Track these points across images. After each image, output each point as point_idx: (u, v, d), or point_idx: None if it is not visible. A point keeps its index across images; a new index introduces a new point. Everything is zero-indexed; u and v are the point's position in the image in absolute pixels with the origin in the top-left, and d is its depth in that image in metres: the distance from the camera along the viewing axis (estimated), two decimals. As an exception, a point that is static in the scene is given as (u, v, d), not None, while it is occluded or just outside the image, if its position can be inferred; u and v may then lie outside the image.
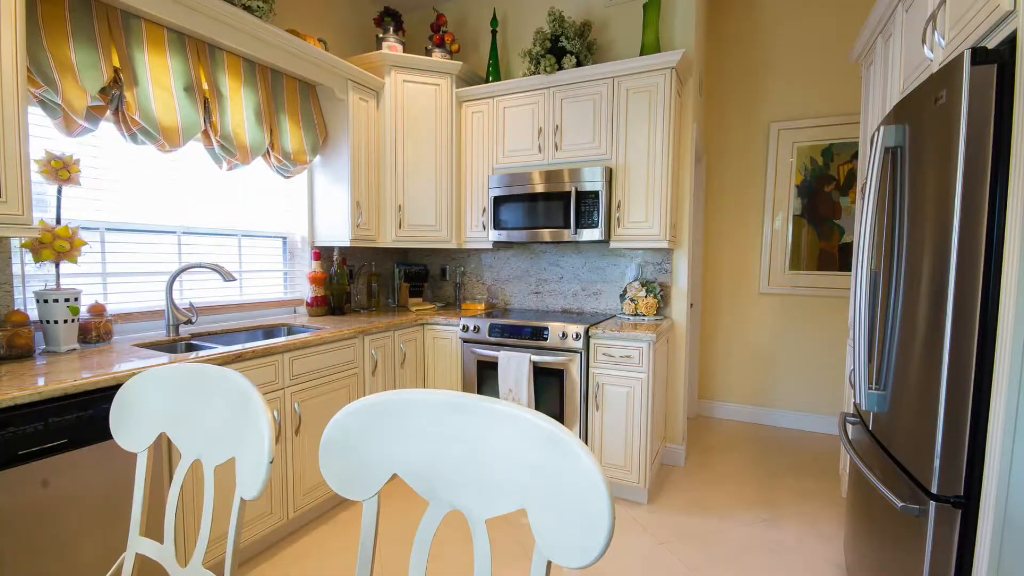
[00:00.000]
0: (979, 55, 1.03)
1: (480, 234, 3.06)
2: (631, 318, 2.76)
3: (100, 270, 2.00)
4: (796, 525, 2.27)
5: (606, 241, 2.72)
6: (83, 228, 1.91)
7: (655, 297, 2.76)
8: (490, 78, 3.10)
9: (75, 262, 1.75)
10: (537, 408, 2.58)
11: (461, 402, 0.66)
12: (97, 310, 1.87)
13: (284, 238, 2.85)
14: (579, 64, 2.76)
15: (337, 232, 2.80)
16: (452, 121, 3.04)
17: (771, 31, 3.45)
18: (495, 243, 3.07)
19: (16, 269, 1.72)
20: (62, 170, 1.69)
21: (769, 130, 3.50)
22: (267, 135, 2.41)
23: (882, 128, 1.41)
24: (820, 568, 1.96)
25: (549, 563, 0.60)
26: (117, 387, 1.43)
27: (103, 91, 1.77)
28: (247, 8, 2.14)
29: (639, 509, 2.40)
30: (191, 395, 0.92)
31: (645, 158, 2.59)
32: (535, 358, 2.53)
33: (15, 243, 1.70)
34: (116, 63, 1.81)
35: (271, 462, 0.77)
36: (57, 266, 1.73)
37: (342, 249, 3.11)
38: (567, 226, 2.70)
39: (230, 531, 0.81)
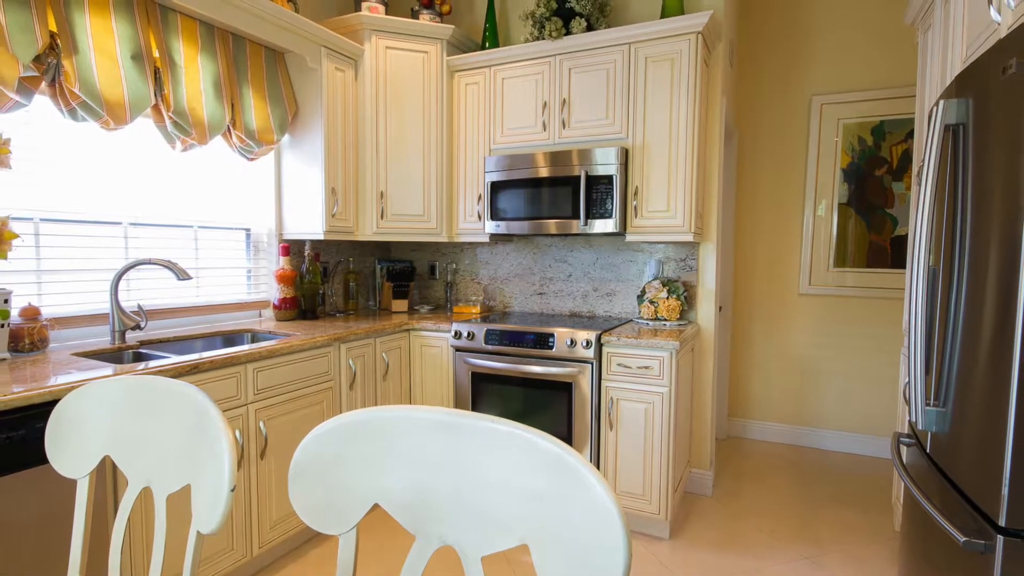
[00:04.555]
0: (1055, 18, 1.03)
1: (475, 225, 3.06)
2: (650, 323, 2.77)
3: (34, 267, 2.00)
4: (842, 564, 2.27)
5: (621, 233, 2.72)
6: (14, 219, 1.91)
7: (678, 299, 2.76)
8: (487, 44, 3.11)
9: (5, 258, 1.74)
10: (541, 427, 2.58)
11: (453, 420, 0.66)
12: (30, 313, 1.87)
13: (247, 230, 2.85)
14: (590, 28, 2.76)
15: (309, 223, 2.80)
16: (443, 94, 3.05)
17: (813, -10, 3.45)
18: (492, 236, 3.08)
19: (-64, 266, 1.72)
20: (-10, 151, 1.69)
21: (811, 104, 3.50)
22: (228, 110, 2.41)
23: (941, 102, 1.40)
24: (870, 613, 1.96)
25: (555, 608, 0.60)
26: (54, 403, 1.42)
27: (37, 59, 1.77)
28: (204, -37, 2.15)
29: (660, 545, 2.40)
30: (139, 413, 0.92)
31: (667, 137, 2.60)
32: (539, 369, 2.53)
33: (-65, 236, 1.70)
34: (52, 27, 1.81)
35: (232, 490, 0.77)
36: (-16, 262, 1.73)
37: (315, 243, 3.11)
38: (576, 216, 2.71)
39: (185, 570, 0.81)
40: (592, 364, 2.46)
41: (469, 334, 2.72)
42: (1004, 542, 1.11)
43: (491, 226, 2.94)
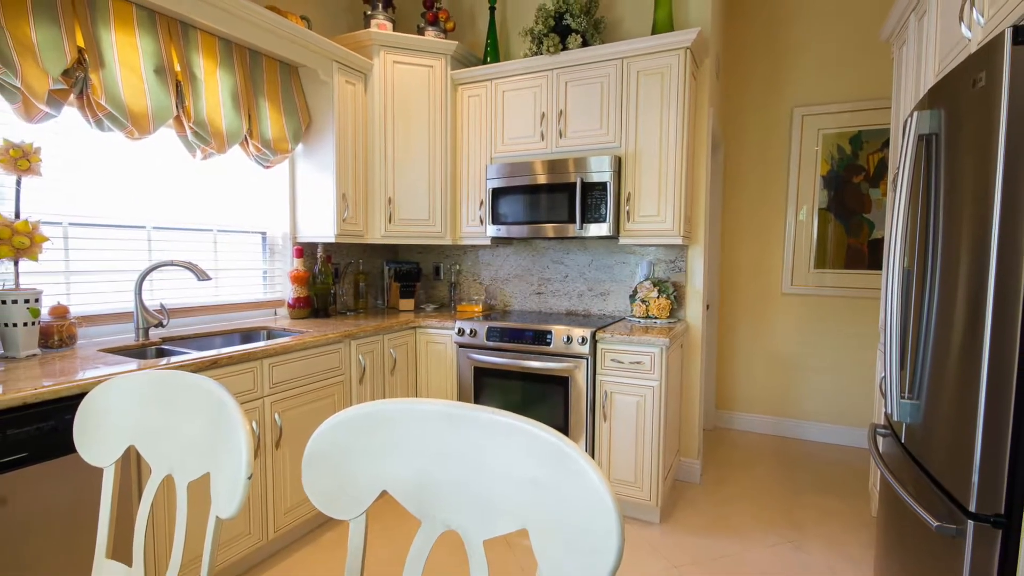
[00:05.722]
0: (1021, 34, 1.03)
1: (477, 229, 3.06)
2: (642, 321, 2.77)
3: (63, 268, 2.00)
4: (822, 547, 2.27)
5: (615, 237, 2.72)
6: (44, 223, 1.91)
7: (668, 298, 2.76)
8: (488, 59, 3.10)
9: (36, 260, 1.74)
10: (539, 418, 2.58)
11: (457, 412, 0.66)
12: (60, 312, 1.87)
13: (263, 234, 2.85)
14: (585, 44, 2.76)
15: (321, 227, 2.80)
16: (447, 106, 3.05)
17: (795, 7, 3.45)
18: (493, 239, 3.08)
19: (-29, 267, 1.72)
20: (21, 159, 1.69)
21: (792, 116, 3.50)
22: (245, 121, 2.41)
23: (915, 114, 1.41)
24: (848, 593, 1.96)
25: (552, 588, 0.60)
26: (81, 396, 1.43)
27: (66, 73, 1.77)
28: (223, -17, 2.14)
29: (651, 529, 2.40)
30: (162, 405, 0.92)
31: (657, 146, 2.60)
32: (537, 364, 2.53)
33: (-30, 239, 1.70)
34: (80, 43, 1.81)
35: (249, 478, 0.77)
36: (16, 264, 1.73)
37: (327, 246, 3.11)
38: (572, 220, 2.71)
39: (205, 553, 0.81)
40: (587, 359, 2.46)
41: (472, 331, 2.72)
42: (974, 527, 1.11)
43: (492, 230, 2.94)
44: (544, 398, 2.57)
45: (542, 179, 2.77)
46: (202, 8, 2.10)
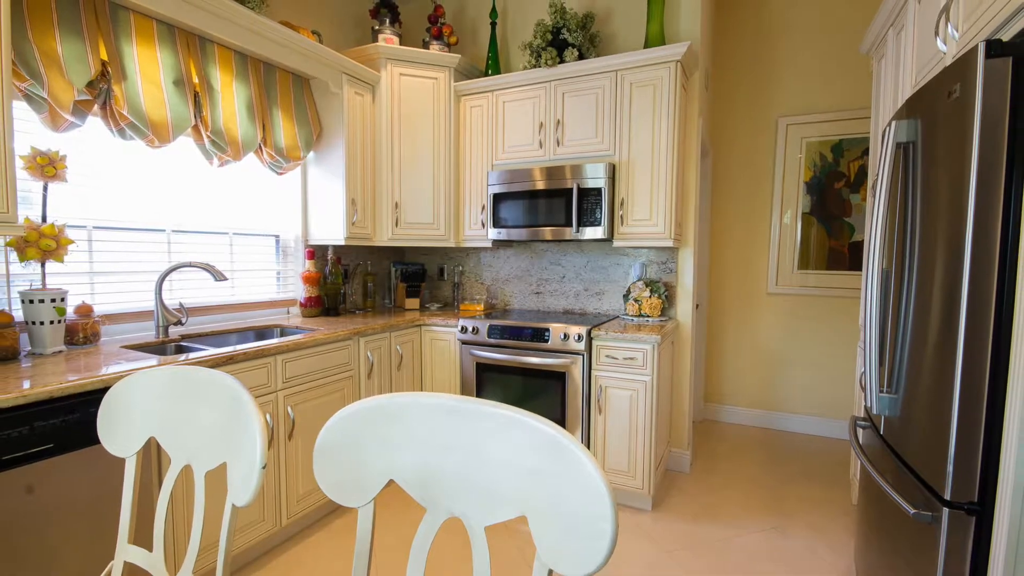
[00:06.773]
0: (994, 48, 1.03)
1: (479, 232, 3.06)
2: (635, 319, 2.77)
3: (87, 269, 2.01)
4: (805, 533, 2.27)
5: (609, 240, 2.72)
6: (69, 226, 1.91)
7: (660, 297, 2.76)
8: (489, 71, 3.10)
9: (61, 261, 1.75)
10: (537, 411, 2.58)
11: (459, 406, 0.67)
12: (84, 311, 1.87)
13: (277, 237, 2.85)
14: (581, 57, 2.76)
15: (331, 230, 2.80)
16: (450, 116, 3.05)
17: (780, 21, 3.45)
18: (494, 242, 3.08)
19: (0, 268, 1.72)
20: (48, 166, 1.69)
21: (777, 125, 3.50)
22: (259, 130, 2.41)
23: (894, 123, 1.41)
24: (830, 577, 1.96)
25: (550, 572, 0.60)
26: (105, 390, 1.43)
27: (90, 85, 1.77)
28: (239, -1, 2.15)
29: (643, 516, 2.40)
30: (181, 398, 0.92)
31: (649, 154, 2.60)
32: (536, 360, 2.53)
33: (-1, 242, 1.70)
34: (104, 56, 1.81)
35: (263, 467, 0.77)
36: (43, 265, 1.73)
37: (336, 248, 3.11)
38: (569, 224, 2.71)
39: (221, 539, 0.81)
40: (583, 356, 2.46)
41: (474, 329, 2.72)
42: (949, 514, 1.11)
43: (493, 233, 2.94)
44: (542, 392, 2.57)
45: (540, 185, 2.77)
46: (219, 24, 2.11)
